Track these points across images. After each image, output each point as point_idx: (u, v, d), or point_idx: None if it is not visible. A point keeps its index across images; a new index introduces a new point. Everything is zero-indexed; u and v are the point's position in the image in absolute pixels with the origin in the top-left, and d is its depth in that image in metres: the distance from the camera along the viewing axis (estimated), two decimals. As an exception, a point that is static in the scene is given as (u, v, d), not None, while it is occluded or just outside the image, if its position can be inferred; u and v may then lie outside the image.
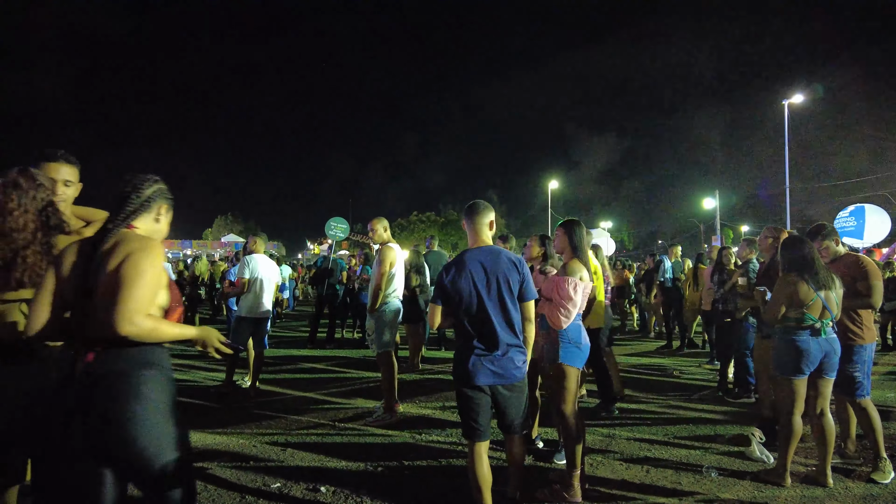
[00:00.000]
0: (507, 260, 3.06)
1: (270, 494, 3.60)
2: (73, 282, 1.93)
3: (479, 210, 3.24)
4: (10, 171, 2.26)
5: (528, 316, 3.11)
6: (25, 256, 2.17)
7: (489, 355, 2.97)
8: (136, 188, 2.08)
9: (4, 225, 2.16)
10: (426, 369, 7.77)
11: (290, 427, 5.06)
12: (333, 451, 4.44)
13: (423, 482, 3.86)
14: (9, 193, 2.20)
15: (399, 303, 5.34)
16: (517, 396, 3.05)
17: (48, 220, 2.27)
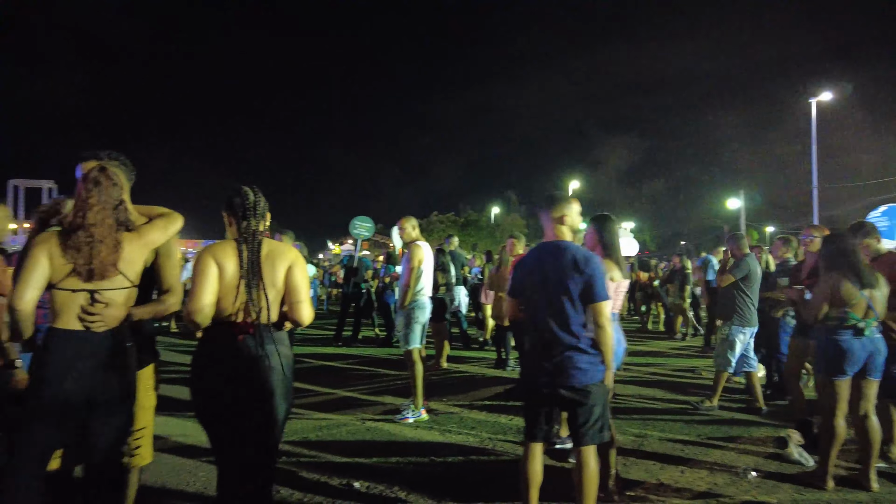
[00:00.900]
0: (570, 258, 2.87)
1: (305, 488, 3.62)
2: (235, 276, 2.38)
3: (549, 203, 3.07)
4: (91, 169, 2.34)
5: (595, 319, 2.85)
6: (101, 250, 2.23)
7: (547, 355, 2.89)
8: (257, 200, 2.52)
9: (84, 219, 2.23)
10: (452, 368, 7.76)
11: (320, 424, 5.09)
12: (364, 447, 4.46)
13: (455, 479, 3.85)
14: (90, 189, 2.28)
15: (428, 300, 5.34)
16: (583, 402, 2.85)
17: (119, 217, 2.34)
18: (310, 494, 3.56)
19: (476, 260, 12.84)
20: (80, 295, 2.23)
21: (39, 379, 2.22)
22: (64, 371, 2.20)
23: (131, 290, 2.36)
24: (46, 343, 2.23)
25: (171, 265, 2.60)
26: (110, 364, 2.27)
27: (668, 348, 10.26)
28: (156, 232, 2.48)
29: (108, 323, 2.27)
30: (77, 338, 2.23)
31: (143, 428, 2.67)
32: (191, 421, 5.02)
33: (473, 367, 7.98)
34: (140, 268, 2.41)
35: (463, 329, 9.59)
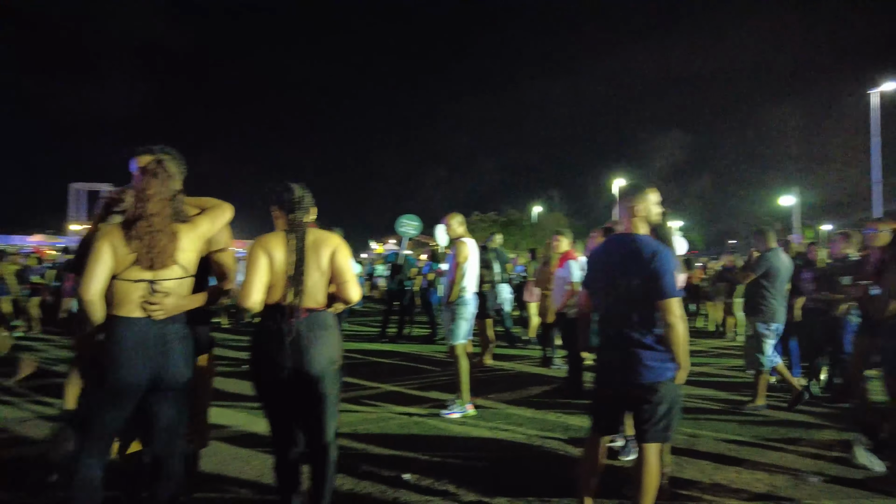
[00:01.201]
0: (637, 251, 2.79)
1: (356, 478, 3.68)
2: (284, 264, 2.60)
3: (625, 193, 3.01)
4: (150, 162, 2.43)
5: (664, 317, 2.73)
6: (160, 239, 2.32)
7: (614, 351, 2.86)
8: (303, 194, 2.78)
9: (145, 209, 2.33)
10: (496, 366, 7.74)
11: (368, 417, 5.16)
12: (412, 440, 4.49)
13: (503, 474, 3.84)
14: (149, 181, 2.37)
15: (473, 296, 5.34)
16: (647, 400, 2.78)
17: (175, 208, 2.43)
18: (362, 483, 3.62)
19: (519, 258, 12.76)
20: (140, 285, 2.33)
21: (108, 364, 2.32)
22: (124, 357, 2.30)
23: (187, 279, 2.45)
24: (109, 330, 2.33)
25: (225, 255, 2.69)
26: (168, 351, 2.35)
27: (718, 347, 9.96)
28: (207, 223, 2.56)
29: (167, 311, 2.36)
30: (137, 325, 2.32)
31: (198, 413, 2.75)
32: (244, 412, 5.20)
33: (518, 365, 7.93)
34: (195, 258, 2.49)
35: (507, 327, 9.55)
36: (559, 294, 6.12)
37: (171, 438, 2.47)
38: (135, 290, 2.33)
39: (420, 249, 30.35)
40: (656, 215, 2.99)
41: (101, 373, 2.33)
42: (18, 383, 6.16)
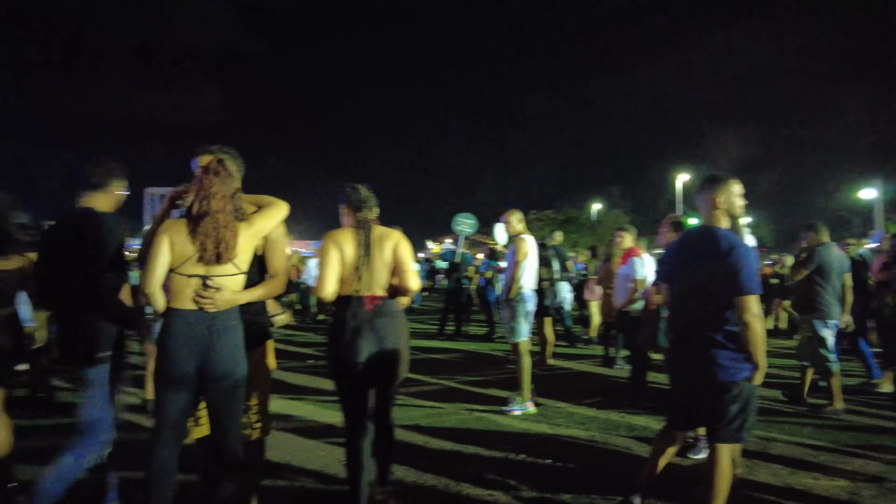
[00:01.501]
0: (715, 245, 2.69)
1: (417, 474, 3.73)
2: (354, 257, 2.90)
3: (706, 184, 2.88)
4: (211, 161, 2.54)
5: (740, 314, 2.63)
6: (225, 235, 2.42)
7: (686, 347, 2.78)
8: (369, 194, 3.08)
9: (209, 207, 2.44)
10: (557, 365, 7.66)
11: (429, 412, 5.22)
12: (473, 435, 4.52)
13: (566, 471, 3.81)
14: (211, 179, 2.48)
15: (532, 293, 5.32)
16: (720, 399, 2.69)
17: (235, 205, 2.52)
18: (425, 475, 3.67)
19: (580, 256, 12.55)
20: (194, 279, 2.43)
21: (159, 352, 2.47)
22: (174, 346, 2.42)
23: (240, 276, 2.53)
24: (166, 321, 2.46)
25: (278, 251, 2.76)
26: (215, 343, 2.44)
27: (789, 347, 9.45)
28: (263, 220, 2.63)
29: (219, 306, 2.44)
30: (188, 317, 2.43)
31: (259, 403, 2.82)
32: (310, 404, 5.38)
33: (579, 365, 7.82)
34: (249, 255, 2.57)
35: (567, 326, 9.42)
36: (622, 292, 6.00)
37: (226, 426, 2.55)
38: (189, 284, 2.44)
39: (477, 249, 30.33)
40: (739, 208, 2.87)
41: (159, 359, 2.47)
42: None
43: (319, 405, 5.43)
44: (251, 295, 2.59)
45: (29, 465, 3.90)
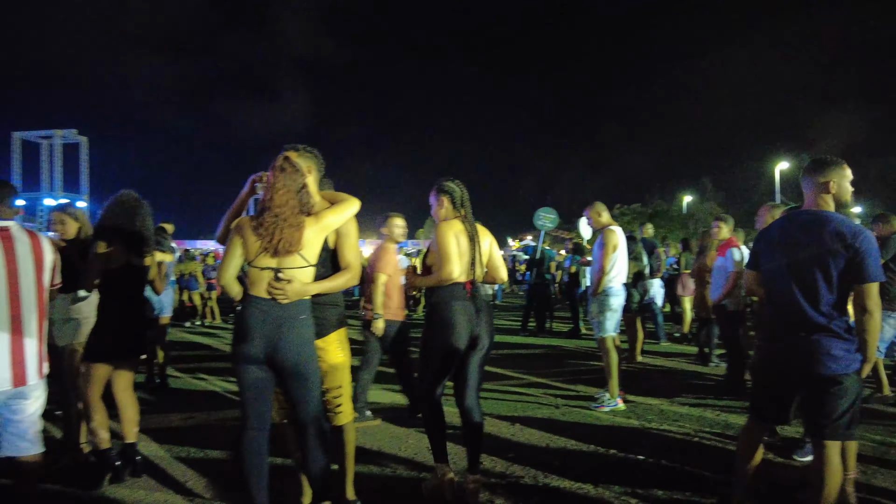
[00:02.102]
0: (833, 230, 2.53)
1: (506, 460, 3.76)
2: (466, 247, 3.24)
3: (814, 167, 2.73)
4: (277, 158, 2.68)
5: (862, 302, 2.50)
6: (284, 229, 2.55)
7: (791, 337, 2.63)
8: (465, 191, 3.38)
9: (272, 201, 2.58)
10: (648, 362, 7.41)
11: (515, 405, 5.22)
12: (560, 429, 4.48)
13: (658, 467, 3.69)
14: (276, 175, 2.62)
15: (622, 287, 5.18)
16: (829, 393, 2.53)
17: (301, 201, 2.64)
18: (513, 466, 3.69)
19: (671, 249, 12.03)
20: (267, 272, 2.57)
21: (235, 334, 2.63)
22: (245, 331, 2.57)
23: (309, 268, 2.64)
24: (243, 305, 2.62)
25: (350, 245, 2.86)
26: (283, 331, 2.56)
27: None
28: (332, 215, 2.72)
29: (290, 297, 2.57)
30: (261, 304, 2.57)
31: (339, 387, 2.92)
32: (402, 394, 5.53)
33: (671, 362, 7.52)
34: (317, 248, 2.67)
35: (658, 322, 9.08)
36: (718, 285, 5.70)
37: (303, 410, 2.67)
38: (263, 277, 2.58)
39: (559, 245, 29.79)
40: (849, 195, 2.70)
41: (234, 341, 2.63)
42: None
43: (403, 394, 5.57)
44: (322, 286, 2.70)
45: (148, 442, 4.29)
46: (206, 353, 8.53)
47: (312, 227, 2.62)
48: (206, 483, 3.49)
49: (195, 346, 9.26)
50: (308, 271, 2.63)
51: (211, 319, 12.88)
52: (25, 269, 2.82)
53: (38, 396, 2.92)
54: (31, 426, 2.89)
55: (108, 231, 3.48)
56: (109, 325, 3.45)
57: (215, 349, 9.06)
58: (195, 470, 3.70)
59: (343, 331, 2.98)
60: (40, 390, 2.92)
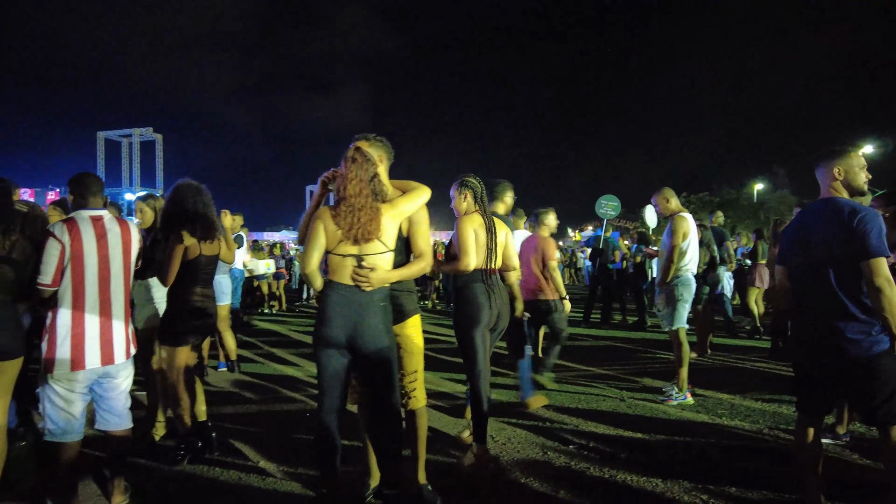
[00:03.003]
0: (834, 212, 2.56)
1: (570, 453, 3.72)
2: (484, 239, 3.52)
3: (825, 156, 2.74)
4: (349, 148, 2.74)
5: (869, 279, 2.46)
6: (360, 217, 2.60)
7: (810, 326, 2.64)
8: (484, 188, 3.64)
9: (346, 191, 2.64)
10: (717, 356, 7.12)
11: (579, 397, 5.15)
12: (626, 421, 4.38)
13: (730, 463, 3.55)
14: (349, 166, 2.68)
15: (692, 277, 4.99)
16: (859, 377, 2.50)
17: (374, 189, 2.68)
18: (575, 460, 3.65)
19: (742, 238, 11.50)
20: (349, 259, 2.63)
21: (318, 319, 2.69)
22: (328, 315, 2.63)
23: (389, 254, 2.68)
24: (326, 292, 2.68)
25: (422, 232, 2.89)
26: (365, 317, 2.61)
27: None
28: (406, 203, 2.77)
29: (374, 284, 2.62)
30: (344, 290, 2.63)
31: (414, 371, 2.97)
32: (456, 383, 5.55)
33: (742, 357, 7.20)
34: (394, 234, 2.71)
35: (728, 316, 8.71)
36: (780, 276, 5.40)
37: (381, 394, 2.72)
38: (345, 264, 2.64)
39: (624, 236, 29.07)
40: (862, 182, 2.67)
41: (317, 326, 2.69)
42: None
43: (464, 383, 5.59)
44: (400, 274, 2.74)
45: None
46: (275, 340, 8.86)
47: (388, 213, 2.67)
48: (278, 462, 3.63)
49: (264, 333, 9.63)
50: (388, 256, 2.68)
51: (279, 308, 13.38)
52: (115, 255, 3.03)
53: (126, 375, 3.12)
54: (121, 403, 3.10)
55: (177, 219, 3.58)
56: (184, 310, 3.61)
57: (283, 335, 9.39)
58: (266, 449, 3.86)
59: (418, 317, 3.03)
60: (128, 369, 3.12)
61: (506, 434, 4.12)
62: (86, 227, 2.92)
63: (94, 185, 3.06)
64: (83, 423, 2.98)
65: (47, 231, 2.87)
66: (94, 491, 3.18)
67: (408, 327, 2.94)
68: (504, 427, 4.28)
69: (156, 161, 74.93)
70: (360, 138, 2.87)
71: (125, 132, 73.68)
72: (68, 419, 2.90)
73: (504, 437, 4.06)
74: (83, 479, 3.22)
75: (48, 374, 2.85)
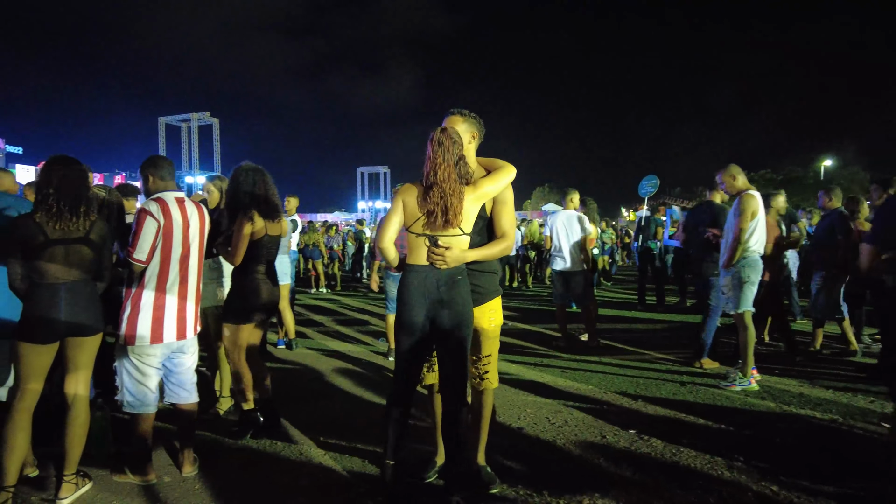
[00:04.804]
0: None
1: (630, 437, 3.64)
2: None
3: None
4: (434, 131, 2.68)
5: None
6: (453, 203, 2.57)
7: None
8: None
9: (436, 177, 2.60)
10: (779, 342, 6.80)
11: (637, 381, 5.04)
12: (687, 408, 4.26)
13: (798, 452, 3.40)
14: (435, 150, 2.63)
15: (760, 258, 4.77)
16: None
17: (460, 173, 2.63)
18: (636, 444, 3.57)
19: (814, 217, 10.89)
20: (423, 238, 2.61)
21: (398, 302, 2.71)
22: (412, 297, 2.63)
23: (464, 237, 2.64)
24: (404, 274, 2.69)
25: (506, 212, 2.80)
26: (443, 297, 2.60)
27: None
28: (489, 184, 2.70)
29: (449, 263, 2.59)
30: (421, 272, 2.62)
31: (489, 354, 2.94)
32: (517, 364, 5.53)
33: (807, 341, 6.85)
34: (473, 217, 2.66)
35: (793, 299, 8.31)
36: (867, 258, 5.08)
37: (454, 373, 2.70)
38: (420, 243, 2.63)
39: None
40: None
41: (398, 307, 2.71)
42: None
43: (525, 365, 5.57)
44: (479, 254, 2.70)
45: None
46: (330, 318, 9.05)
47: (470, 195, 2.63)
48: (338, 438, 3.71)
49: (320, 311, 9.85)
50: (463, 239, 2.65)
51: (331, 287, 13.67)
52: (193, 235, 3.16)
53: (194, 351, 3.25)
54: (189, 377, 3.23)
55: (243, 200, 3.64)
56: (246, 288, 3.70)
57: (338, 313, 9.59)
58: (328, 426, 3.95)
59: (499, 299, 2.97)
60: (195, 346, 3.25)
61: (562, 416, 4.07)
62: (173, 208, 3.06)
63: (171, 168, 3.19)
64: (157, 396, 3.12)
65: (144, 210, 3.01)
66: (166, 460, 3.34)
67: (488, 310, 2.90)
68: (560, 409, 4.23)
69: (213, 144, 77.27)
70: (454, 113, 2.82)
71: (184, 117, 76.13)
72: (144, 392, 3.04)
73: (560, 419, 4.02)
74: (156, 449, 3.37)
75: (128, 346, 2.99)
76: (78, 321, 2.79)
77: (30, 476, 3.06)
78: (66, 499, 2.83)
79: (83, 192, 2.82)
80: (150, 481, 3.06)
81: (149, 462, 3.11)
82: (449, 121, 2.80)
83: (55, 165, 2.80)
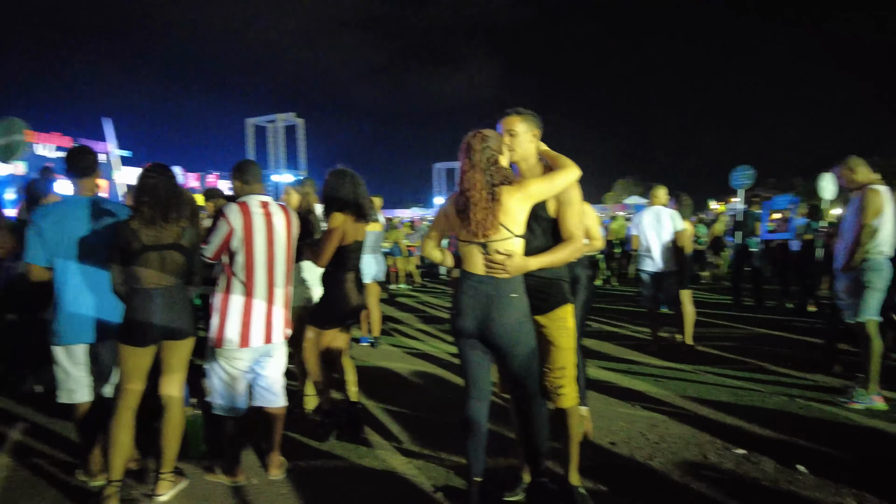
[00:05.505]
0: None
1: (734, 458, 3.33)
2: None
3: None
4: (467, 134, 2.56)
5: None
6: (476, 212, 2.45)
7: None
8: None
9: (462, 184, 2.52)
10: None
11: (736, 392, 4.64)
12: (797, 425, 3.84)
13: None
14: (463, 157, 2.54)
15: (887, 261, 4.24)
16: None
17: (492, 178, 2.48)
18: (742, 468, 3.25)
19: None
20: (475, 246, 2.51)
21: (453, 309, 2.63)
22: (465, 305, 2.54)
23: (515, 239, 2.49)
24: (459, 282, 2.60)
25: (571, 213, 2.59)
26: (494, 306, 2.48)
27: None
28: (540, 185, 2.52)
29: (511, 272, 2.45)
30: (473, 279, 2.53)
31: (562, 368, 2.69)
32: (606, 371, 5.24)
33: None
34: (521, 217, 2.50)
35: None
36: None
37: (517, 389, 2.61)
38: (472, 251, 2.53)
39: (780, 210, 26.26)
40: None
41: (452, 315, 2.63)
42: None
43: (616, 372, 5.28)
44: (542, 261, 2.54)
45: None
46: (412, 315, 9.08)
47: (514, 195, 2.48)
48: (423, 444, 3.63)
49: (401, 307, 9.93)
50: (514, 242, 2.51)
51: (412, 282, 13.83)
52: (279, 239, 3.18)
53: (282, 354, 3.27)
54: (277, 380, 3.25)
55: (337, 203, 3.64)
56: (337, 294, 3.70)
57: (418, 310, 9.62)
58: (412, 430, 3.89)
59: (570, 307, 2.75)
60: (283, 349, 3.27)
61: (658, 432, 3.79)
62: (257, 212, 3.09)
63: (258, 172, 3.24)
64: (246, 399, 3.16)
65: (220, 211, 3.10)
66: (255, 461, 3.38)
67: (555, 319, 2.69)
68: (656, 423, 3.95)
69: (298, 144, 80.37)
70: (511, 113, 2.69)
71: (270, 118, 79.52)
72: (233, 395, 3.09)
73: (656, 434, 3.74)
74: (245, 449, 3.43)
75: (217, 349, 3.06)
76: (172, 325, 2.86)
77: (132, 469, 3.19)
78: (163, 495, 2.92)
79: (173, 199, 2.89)
80: (239, 482, 3.12)
81: (238, 463, 3.16)
82: (506, 122, 2.67)
83: (149, 174, 2.88)
